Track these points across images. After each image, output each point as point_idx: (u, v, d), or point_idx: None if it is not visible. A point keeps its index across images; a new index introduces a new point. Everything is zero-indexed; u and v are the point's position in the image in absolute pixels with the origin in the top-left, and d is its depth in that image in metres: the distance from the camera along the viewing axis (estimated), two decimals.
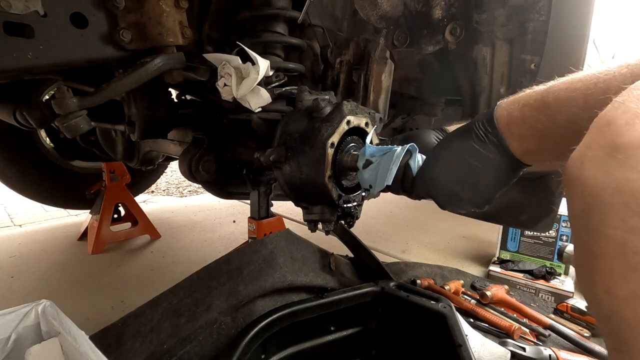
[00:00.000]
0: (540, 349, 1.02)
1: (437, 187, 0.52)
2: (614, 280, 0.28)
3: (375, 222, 2.36)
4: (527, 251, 1.64)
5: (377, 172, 0.60)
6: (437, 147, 0.55)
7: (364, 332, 1.01)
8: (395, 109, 1.45)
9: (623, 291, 0.28)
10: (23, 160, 1.89)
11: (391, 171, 0.58)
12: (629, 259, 0.26)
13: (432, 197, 0.55)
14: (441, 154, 0.53)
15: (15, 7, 0.63)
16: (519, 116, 0.42)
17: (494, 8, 0.85)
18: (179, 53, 0.83)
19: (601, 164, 0.27)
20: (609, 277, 0.28)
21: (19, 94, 1.67)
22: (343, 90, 1.01)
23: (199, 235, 2.09)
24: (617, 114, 0.27)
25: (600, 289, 0.29)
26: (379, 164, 0.60)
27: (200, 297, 0.92)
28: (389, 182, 0.59)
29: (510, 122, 0.44)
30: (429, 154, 0.56)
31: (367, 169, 0.62)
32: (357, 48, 0.97)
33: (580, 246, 0.31)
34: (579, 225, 0.30)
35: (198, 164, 0.99)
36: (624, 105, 0.27)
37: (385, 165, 0.59)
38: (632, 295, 0.27)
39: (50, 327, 0.66)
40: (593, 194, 0.27)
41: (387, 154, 0.60)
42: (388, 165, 0.59)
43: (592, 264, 0.30)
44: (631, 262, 0.26)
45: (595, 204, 0.27)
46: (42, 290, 1.45)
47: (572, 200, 0.30)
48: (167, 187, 4.01)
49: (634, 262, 0.26)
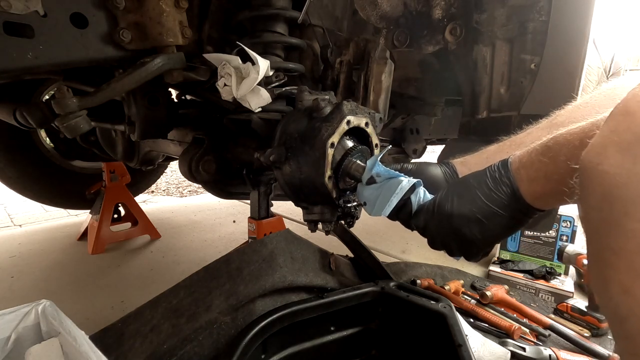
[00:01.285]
0: (540, 349, 1.02)
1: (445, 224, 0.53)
2: (634, 278, 0.26)
3: (375, 222, 2.36)
4: (527, 251, 1.64)
5: (377, 197, 0.60)
6: (452, 187, 0.56)
7: (364, 332, 1.01)
8: (395, 109, 1.45)
9: None
10: (23, 160, 1.89)
11: (391, 202, 0.58)
12: None
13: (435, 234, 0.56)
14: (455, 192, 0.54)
15: (15, 7, 0.63)
16: (528, 161, 0.45)
17: (494, 8, 0.85)
18: (179, 53, 0.83)
19: (627, 151, 0.24)
20: (628, 276, 0.26)
21: (19, 94, 1.67)
22: (343, 90, 1.01)
23: (199, 235, 2.09)
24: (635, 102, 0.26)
25: (617, 288, 0.27)
26: (382, 188, 0.60)
27: (200, 297, 0.92)
28: (385, 213, 0.59)
29: (520, 166, 0.46)
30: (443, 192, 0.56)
31: (368, 187, 0.62)
32: (357, 48, 0.97)
33: (596, 241, 0.29)
34: (596, 218, 0.28)
35: (198, 164, 0.99)
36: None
37: (387, 193, 0.59)
38: None
39: (50, 327, 0.66)
40: (616, 183, 0.25)
41: (392, 182, 0.59)
42: (389, 195, 0.59)
43: (610, 260, 0.27)
44: None
45: (619, 194, 0.25)
46: (42, 290, 1.45)
47: (590, 190, 0.28)
48: (167, 187, 4.01)
49: None
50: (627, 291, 0.26)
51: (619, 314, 0.28)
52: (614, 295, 0.27)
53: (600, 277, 0.29)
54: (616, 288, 0.27)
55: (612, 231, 0.26)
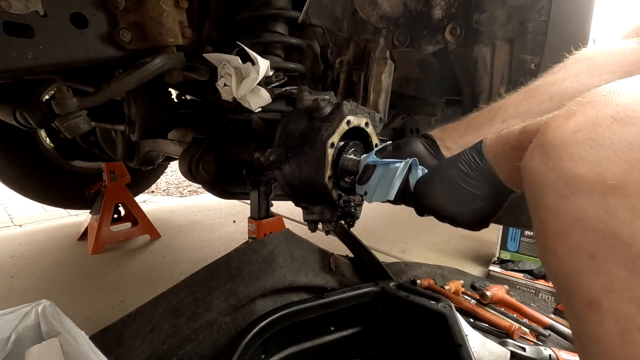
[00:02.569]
0: (540, 349, 1.02)
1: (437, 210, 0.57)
2: (554, 240, 0.34)
3: (375, 222, 2.36)
4: (527, 251, 1.64)
5: (377, 184, 0.62)
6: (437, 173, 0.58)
7: (364, 332, 1.01)
8: (395, 109, 1.45)
9: (562, 248, 0.33)
10: (23, 160, 1.89)
11: (394, 186, 0.60)
12: (560, 220, 0.33)
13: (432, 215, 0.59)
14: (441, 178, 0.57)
15: (15, 7, 0.63)
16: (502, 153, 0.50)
17: (494, 8, 0.85)
18: (179, 53, 0.83)
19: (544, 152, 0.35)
20: (552, 239, 0.34)
21: (19, 94, 1.67)
22: (343, 90, 1.01)
23: (199, 235, 2.09)
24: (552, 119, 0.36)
25: (548, 250, 0.35)
26: (380, 176, 0.62)
27: (200, 297, 0.92)
28: (391, 197, 0.60)
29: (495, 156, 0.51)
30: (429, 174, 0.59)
31: (367, 179, 0.63)
32: (357, 48, 0.97)
33: (533, 218, 0.37)
34: (530, 199, 0.37)
35: (198, 164, 0.99)
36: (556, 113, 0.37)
37: (387, 179, 0.61)
38: (568, 251, 0.32)
39: (50, 327, 0.66)
40: (538, 172, 0.35)
41: (390, 168, 0.61)
42: (391, 179, 0.60)
43: (539, 229, 0.36)
44: (563, 222, 0.33)
45: (539, 180, 0.35)
46: (42, 290, 1.45)
47: (525, 179, 0.38)
48: (167, 187, 4.01)
49: (565, 222, 0.32)
50: (553, 250, 0.34)
51: (552, 272, 0.35)
52: (547, 256, 0.35)
53: (539, 246, 0.36)
54: (547, 250, 0.35)
55: (538, 206, 0.36)
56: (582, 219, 0.31)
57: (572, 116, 0.35)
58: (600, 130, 0.32)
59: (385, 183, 0.61)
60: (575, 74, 0.58)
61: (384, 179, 0.62)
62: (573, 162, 0.32)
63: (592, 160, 0.31)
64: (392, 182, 0.60)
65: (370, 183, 0.63)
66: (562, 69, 0.61)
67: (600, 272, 0.30)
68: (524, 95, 0.62)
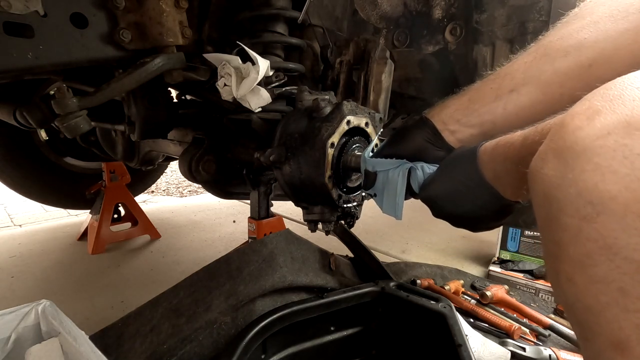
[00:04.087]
0: (540, 349, 1.02)
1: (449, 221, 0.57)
2: (573, 267, 0.29)
3: (375, 222, 2.36)
4: (527, 251, 1.64)
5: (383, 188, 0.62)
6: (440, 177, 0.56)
7: (364, 332, 1.01)
8: (395, 109, 1.45)
9: (582, 278, 0.28)
10: (23, 160, 1.89)
11: (398, 205, 0.60)
12: (583, 246, 0.28)
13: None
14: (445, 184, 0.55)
15: (15, 7, 0.63)
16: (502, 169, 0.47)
17: (494, 8, 0.85)
18: (179, 53, 0.83)
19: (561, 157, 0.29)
20: (569, 265, 0.29)
21: (19, 94, 1.67)
22: (343, 90, 1.01)
23: (199, 235, 2.09)
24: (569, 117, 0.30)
25: (563, 277, 0.30)
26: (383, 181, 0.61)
27: (200, 297, 0.92)
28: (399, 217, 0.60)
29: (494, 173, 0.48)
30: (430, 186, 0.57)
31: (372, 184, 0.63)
32: (357, 48, 0.97)
33: (544, 236, 0.32)
34: (542, 215, 0.32)
35: (198, 164, 0.99)
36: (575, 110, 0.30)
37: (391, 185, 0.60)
38: (590, 281, 0.28)
39: (50, 327, 0.66)
40: (553, 184, 0.30)
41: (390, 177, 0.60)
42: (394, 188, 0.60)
43: (554, 252, 0.31)
44: (586, 249, 0.28)
45: (555, 194, 0.29)
46: (42, 290, 1.45)
47: (535, 191, 0.33)
48: (167, 187, 4.01)
49: (588, 249, 0.27)
50: (571, 279, 0.29)
51: (567, 302, 0.31)
52: (561, 283, 0.31)
53: (550, 268, 0.32)
54: (562, 277, 0.30)
55: (553, 225, 0.30)
56: (611, 247, 0.26)
57: (596, 115, 0.28)
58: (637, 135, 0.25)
59: (390, 189, 0.61)
60: (595, 21, 0.47)
61: (387, 184, 0.61)
62: (600, 175, 0.26)
63: (626, 174, 0.25)
64: (395, 192, 0.60)
65: (377, 186, 0.63)
66: (577, 16, 0.50)
67: (633, 310, 0.26)
68: (534, 55, 0.53)
